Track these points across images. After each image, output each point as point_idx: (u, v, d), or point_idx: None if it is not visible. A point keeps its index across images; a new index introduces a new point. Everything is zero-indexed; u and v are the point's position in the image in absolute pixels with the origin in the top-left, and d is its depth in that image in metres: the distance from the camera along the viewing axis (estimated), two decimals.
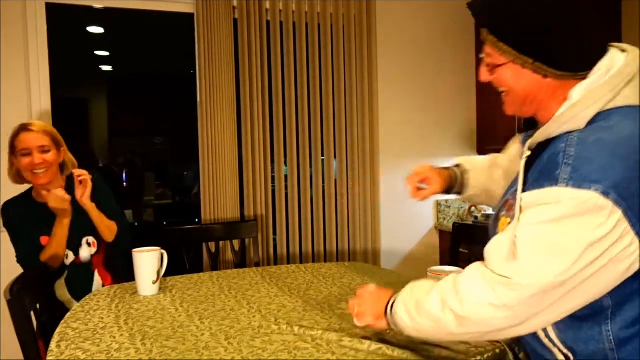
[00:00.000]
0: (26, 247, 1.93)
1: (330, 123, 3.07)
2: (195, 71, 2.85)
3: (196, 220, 3.98)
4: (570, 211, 0.87)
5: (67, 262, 1.97)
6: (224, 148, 2.84)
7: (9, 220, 1.98)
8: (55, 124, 2.66)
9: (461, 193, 1.47)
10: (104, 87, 5.92)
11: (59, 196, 1.86)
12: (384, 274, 2.02)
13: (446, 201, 3.41)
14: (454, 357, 1.17)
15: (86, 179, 1.95)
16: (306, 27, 3.01)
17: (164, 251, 1.84)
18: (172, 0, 2.83)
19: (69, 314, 1.57)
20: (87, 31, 4.53)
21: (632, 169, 0.87)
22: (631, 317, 0.93)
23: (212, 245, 2.64)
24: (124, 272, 2.09)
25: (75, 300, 1.94)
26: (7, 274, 2.49)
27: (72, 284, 1.99)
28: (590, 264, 0.87)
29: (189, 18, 2.84)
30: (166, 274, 1.92)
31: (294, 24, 3.00)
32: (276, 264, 3.01)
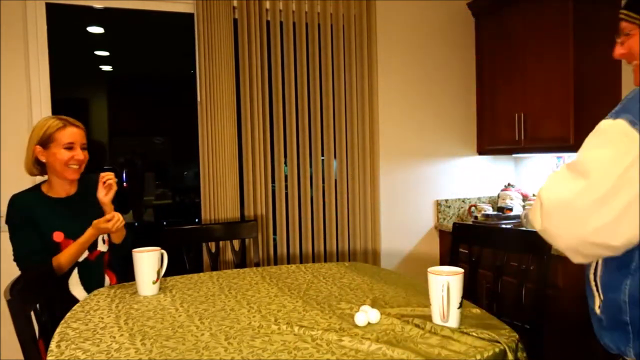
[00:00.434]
0: (29, 244, 1.88)
1: (330, 123, 3.08)
2: (195, 71, 2.85)
3: (196, 220, 3.98)
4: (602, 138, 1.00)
5: (81, 259, 1.95)
6: (224, 148, 2.84)
7: (18, 212, 1.90)
8: None
9: None
10: (104, 87, 5.92)
11: (121, 221, 1.94)
12: (384, 274, 2.02)
13: (446, 201, 3.41)
14: (453, 357, 1.17)
15: (113, 182, 2.00)
16: (306, 27, 3.02)
17: (164, 251, 1.85)
18: (172, 0, 2.83)
19: (69, 313, 1.57)
20: (87, 31, 4.53)
21: None
22: None
23: (212, 245, 2.64)
24: (124, 273, 2.10)
25: None
26: (7, 274, 2.49)
27: (86, 282, 1.98)
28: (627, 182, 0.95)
29: (189, 18, 2.84)
30: (166, 274, 1.92)
31: (294, 24, 3.01)
32: (276, 264, 3.01)
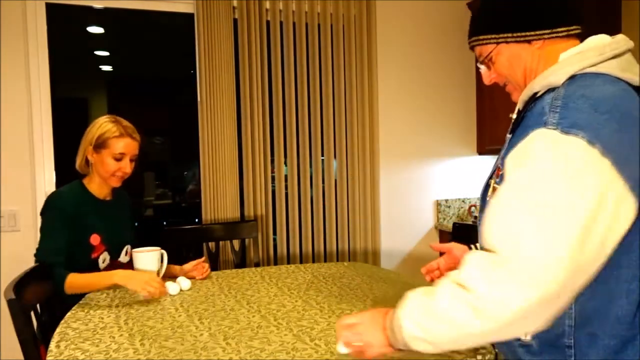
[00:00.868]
0: (57, 243, 1.79)
1: (330, 123, 3.08)
2: (195, 71, 2.85)
3: (196, 220, 3.98)
4: (558, 158, 0.86)
5: (102, 266, 1.91)
6: (224, 148, 2.84)
7: (60, 210, 1.82)
8: (55, 123, 2.68)
9: None
10: (103, 87, 5.92)
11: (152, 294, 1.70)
12: (383, 274, 2.02)
13: (446, 201, 3.41)
14: (456, 357, 1.17)
15: (205, 275, 1.99)
16: (306, 27, 3.02)
17: (164, 251, 1.85)
18: (172, 0, 2.84)
19: (69, 313, 1.58)
20: (87, 31, 4.52)
21: (615, 124, 0.87)
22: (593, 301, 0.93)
23: (212, 245, 2.64)
24: None
25: None
26: (7, 274, 2.50)
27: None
28: (596, 210, 0.83)
29: (189, 18, 2.84)
30: (167, 274, 1.92)
31: (294, 24, 3.01)
32: (276, 264, 3.01)
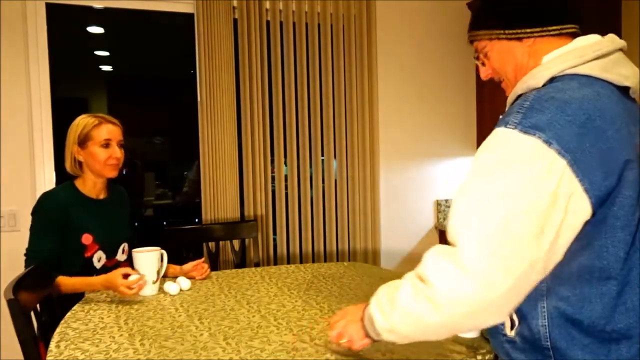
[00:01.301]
0: (47, 245, 1.80)
1: (330, 123, 3.07)
2: (195, 71, 2.85)
3: (196, 220, 3.98)
4: (514, 156, 0.88)
5: (99, 265, 1.91)
6: (224, 148, 2.84)
7: (49, 211, 1.83)
8: (55, 123, 2.68)
9: None
10: (104, 87, 5.92)
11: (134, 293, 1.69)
12: (383, 274, 2.02)
13: (446, 201, 3.41)
14: (456, 357, 1.17)
15: (205, 276, 2.00)
16: (306, 27, 3.02)
17: (164, 251, 1.85)
18: (172, 0, 2.84)
19: (69, 313, 1.58)
20: (87, 31, 4.52)
21: (576, 127, 0.88)
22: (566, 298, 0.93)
23: (212, 245, 2.64)
24: None
25: None
26: (7, 274, 2.50)
27: None
28: (545, 210, 0.84)
29: (189, 18, 2.84)
30: (166, 274, 1.92)
31: (294, 24, 3.01)
32: (276, 264, 3.01)
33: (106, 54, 5.42)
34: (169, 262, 1.89)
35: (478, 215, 0.87)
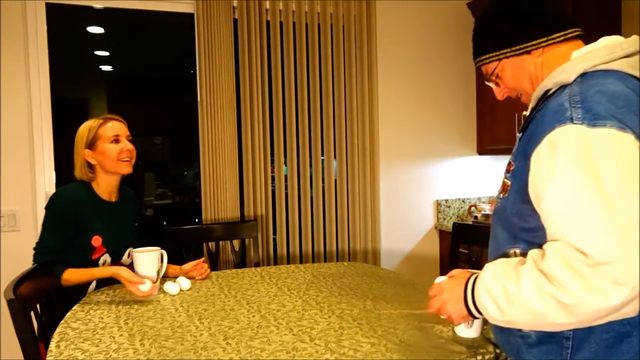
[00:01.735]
0: (56, 241, 1.81)
1: (330, 123, 3.08)
2: (195, 71, 2.85)
3: (196, 220, 3.98)
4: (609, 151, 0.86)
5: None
6: (224, 148, 2.84)
7: (61, 206, 1.83)
8: (55, 123, 2.68)
9: None
10: (104, 87, 5.92)
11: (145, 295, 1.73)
12: (383, 274, 2.02)
13: (446, 201, 3.41)
14: (456, 357, 1.17)
15: (205, 276, 2.00)
16: (306, 27, 3.02)
17: (164, 251, 1.85)
18: (172, 0, 2.84)
19: (69, 313, 1.58)
20: (87, 31, 4.52)
21: (634, 115, 0.89)
22: None
23: (212, 245, 2.64)
24: None
25: None
26: (7, 274, 2.50)
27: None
28: None
29: (189, 18, 2.84)
30: (166, 274, 1.92)
31: (294, 24, 3.01)
32: (276, 264, 3.01)
33: (106, 54, 5.41)
34: (169, 262, 1.89)
35: (598, 216, 0.83)
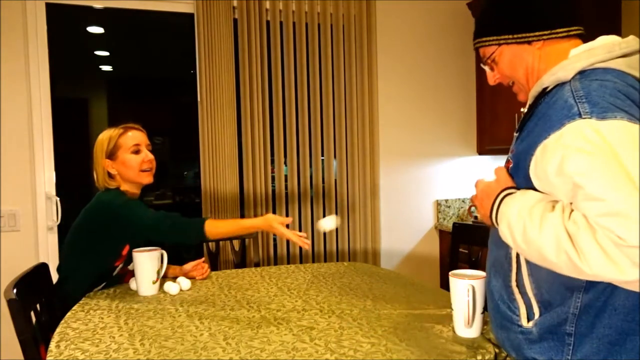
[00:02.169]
0: (147, 211, 1.81)
1: (330, 123, 3.08)
2: (195, 71, 2.85)
3: None
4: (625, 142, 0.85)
5: (114, 273, 1.91)
6: (224, 148, 2.84)
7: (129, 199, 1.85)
8: (55, 123, 2.68)
9: None
10: (104, 87, 5.92)
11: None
12: (383, 274, 2.02)
13: (446, 201, 3.41)
14: (456, 357, 1.17)
15: (205, 276, 2.01)
16: (306, 27, 3.02)
17: (163, 251, 1.85)
18: (172, 0, 2.84)
19: (69, 313, 1.58)
20: (87, 31, 4.52)
21: (637, 109, 0.90)
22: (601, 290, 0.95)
23: (212, 245, 2.64)
24: None
25: None
26: (7, 274, 2.50)
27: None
28: None
29: (189, 18, 2.84)
30: (166, 274, 1.92)
31: (294, 24, 3.01)
32: (276, 264, 3.01)
33: (106, 54, 5.42)
34: (169, 262, 1.89)
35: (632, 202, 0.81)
